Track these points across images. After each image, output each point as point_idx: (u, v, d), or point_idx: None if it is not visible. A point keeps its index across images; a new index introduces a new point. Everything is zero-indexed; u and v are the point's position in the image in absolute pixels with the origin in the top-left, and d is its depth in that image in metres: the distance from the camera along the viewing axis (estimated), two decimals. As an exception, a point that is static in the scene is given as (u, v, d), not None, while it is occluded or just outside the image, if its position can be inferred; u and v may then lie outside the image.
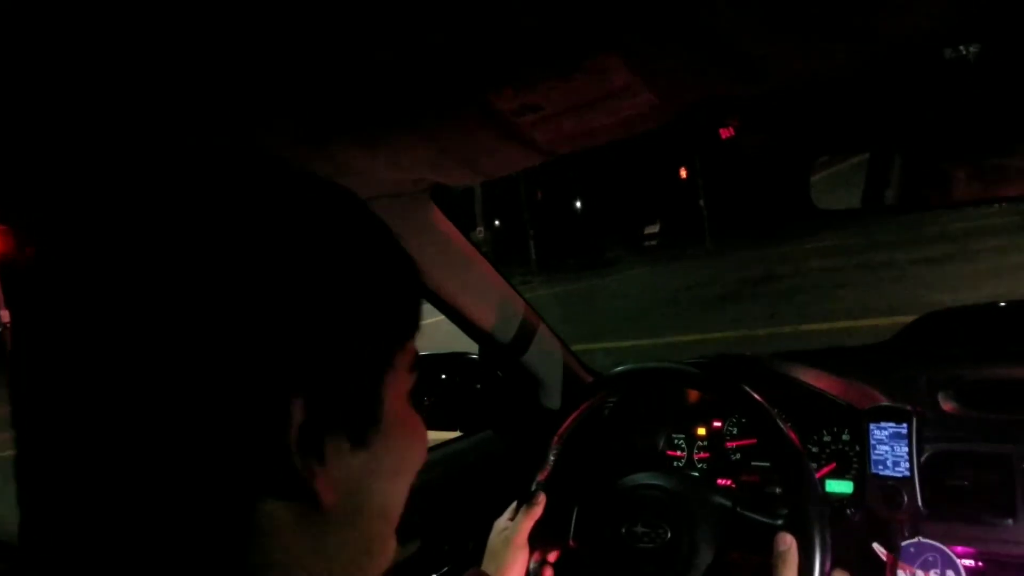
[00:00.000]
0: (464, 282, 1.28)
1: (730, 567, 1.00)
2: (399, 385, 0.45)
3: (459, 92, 0.71)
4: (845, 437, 1.22)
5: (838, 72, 0.73)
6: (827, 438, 1.25)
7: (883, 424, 1.10)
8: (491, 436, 1.55)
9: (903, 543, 1.06)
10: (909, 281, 8.38)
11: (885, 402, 1.16)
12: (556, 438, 1.18)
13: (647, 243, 22.68)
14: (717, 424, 1.41)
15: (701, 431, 1.43)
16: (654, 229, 23.10)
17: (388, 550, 0.46)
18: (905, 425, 1.08)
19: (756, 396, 1.01)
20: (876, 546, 1.09)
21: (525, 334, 1.42)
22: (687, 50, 0.66)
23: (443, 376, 1.63)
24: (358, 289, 0.42)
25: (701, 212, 20.33)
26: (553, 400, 1.44)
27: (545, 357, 1.46)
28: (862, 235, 12.40)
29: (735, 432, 1.39)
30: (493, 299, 1.34)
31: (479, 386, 1.56)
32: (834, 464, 1.23)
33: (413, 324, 0.47)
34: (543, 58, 0.66)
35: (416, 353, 0.47)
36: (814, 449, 1.24)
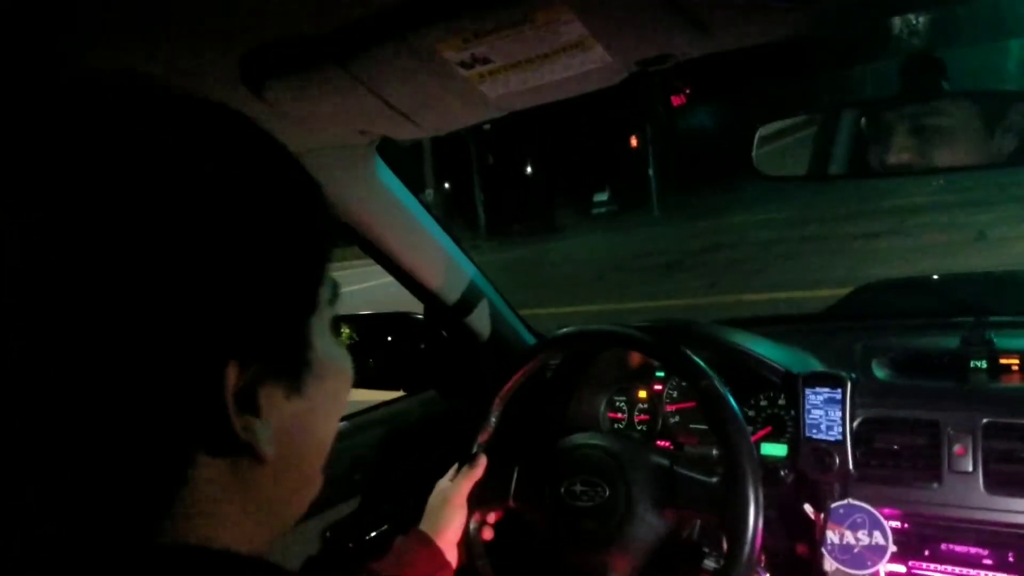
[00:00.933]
0: (410, 239, 1.26)
1: (666, 524, 1.02)
2: (324, 323, 0.44)
3: (406, 41, 0.68)
4: (781, 402, 1.25)
5: (788, 35, 0.72)
6: (763, 403, 1.27)
7: (818, 389, 1.12)
8: (434, 396, 1.54)
9: (833, 505, 1.09)
10: (849, 254, 8.63)
11: (821, 368, 1.19)
12: (498, 399, 1.17)
13: (596, 210, 22.78)
14: (658, 388, 1.43)
15: (642, 394, 1.45)
16: (603, 197, 23.19)
17: (316, 484, 0.46)
18: (839, 391, 1.11)
19: (696, 359, 1.02)
20: (807, 507, 1.13)
21: (471, 295, 1.41)
22: (640, 5, 0.64)
23: (387, 336, 1.60)
24: (272, 229, 0.39)
25: (649, 181, 20.49)
26: (496, 362, 1.44)
27: (490, 319, 1.45)
28: (807, 208, 12.68)
29: (675, 396, 1.41)
30: (440, 258, 1.32)
31: (423, 346, 1.54)
32: (769, 428, 1.26)
33: (328, 253, 0.44)
34: (494, 8, 0.64)
35: (335, 284, 0.46)
36: (750, 413, 1.27)
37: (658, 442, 1.38)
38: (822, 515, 1.10)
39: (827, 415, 1.11)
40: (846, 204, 11.64)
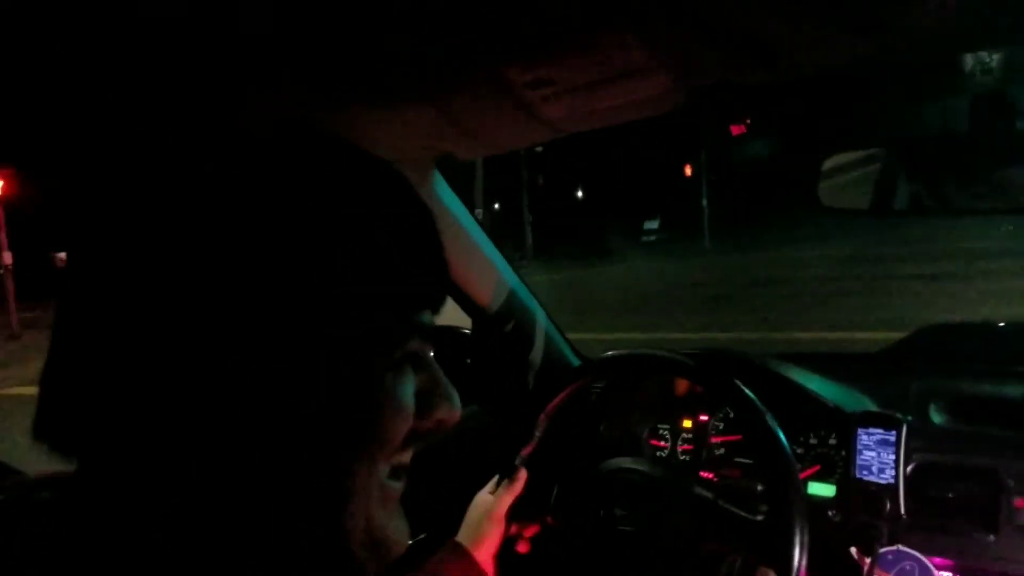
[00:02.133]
0: (464, 255, 1.27)
1: (705, 558, 1.00)
2: None
3: (473, 63, 0.69)
4: (832, 441, 1.22)
5: (852, 64, 0.72)
6: (813, 440, 1.24)
7: (871, 430, 1.10)
8: (477, 411, 1.54)
9: (881, 550, 1.06)
10: (906, 296, 8.40)
11: (875, 409, 1.16)
12: (543, 416, 1.18)
13: (645, 238, 22.67)
14: (704, 418, 1.40)
15: (687, 423, 1.43)
16: (654, 224, 23.07)
17: None
18: (894, 432, 1.08)
19: (746, 390, 1.01)
20: (853, 550, 1.09)
21: (519, 314, 1.41)
22: (704, 32, 0.65)
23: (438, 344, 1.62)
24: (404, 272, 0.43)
25: (702, 211, 20.31)
26: (542, 380, 1.44)
27: (538, 339, 1.45)
28: (866, 247, 12.40)
29: (721, 427, 1.38)
30: (491, 275, 1.34)
31: (469, 361, 1.55)
32: (819, 467, 1.23)
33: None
34: (559, 32, 0.65)
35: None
36: (799, 450, 1.24)
37: (701, 472, 1.36)
38: (868, 560, 1.07)
39: (879, 457, 1.08)
40: (908, 245, 11.34)
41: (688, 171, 22.30)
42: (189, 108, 0.56)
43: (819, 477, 1.21)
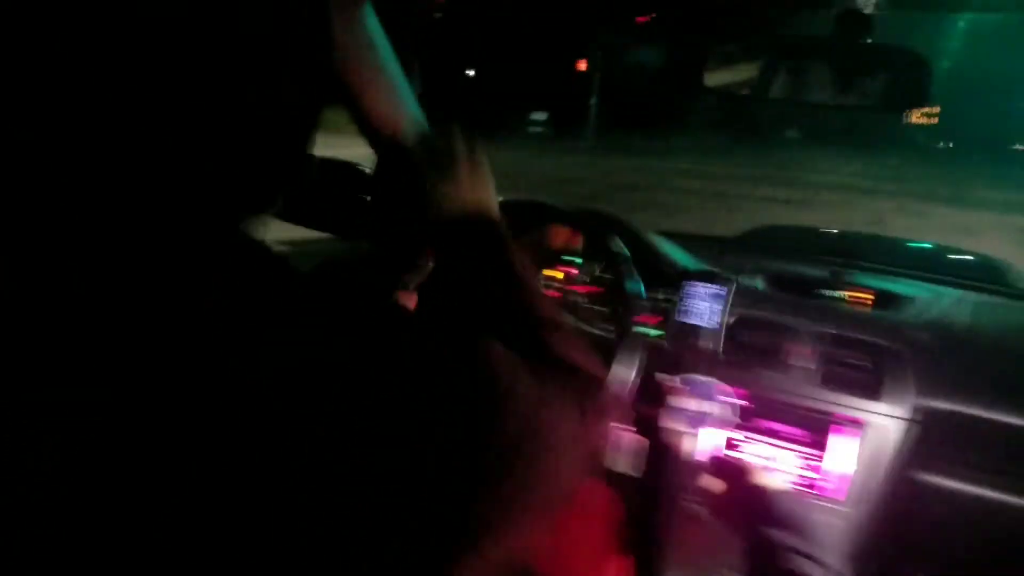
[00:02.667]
0: (381, 89, 1.35)
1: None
2: None
3: None
4: (674, 298, 1.46)
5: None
6: (661, 296, 1.48)
7: (708, 285, 1.33)
8: (372, 248, 1.66)
9: (693, 377, 1.32)
10: (754, 214, 9.11)
11: (714, 270, 1.39)
12: (429, 251, 1.32)
13: (531, 128, 22.69)
14: (573, 271, 1.60)
15: (558, 274, 1.62)
16: (542, 116, 23.08)
17: None
18: (725, 288, 1.32)
19: (619, 240, 1.20)
20: (675, 378, 1.35)
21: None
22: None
23: (334, 180, 1.70)
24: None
25: (590, 110, 20.54)
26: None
27: None
28: (728, 167, 13.16)
29: (587, 280, 1.59)
30: (402, 113, 1.42)
31: (368, 199, 1.65)
32: (661, 317, 1.47)
33: None
34: None
35: None
36: (648, 303, 1.47)
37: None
38: (679, 384, 1.33)
39: (711, 307, 1.32)
40: (763, 168, 12.14)
41: (582, 66, 22.30)
42: None
43: (660, 326, 1.45)
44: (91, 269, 0.40)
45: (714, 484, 1.26)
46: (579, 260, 1.61)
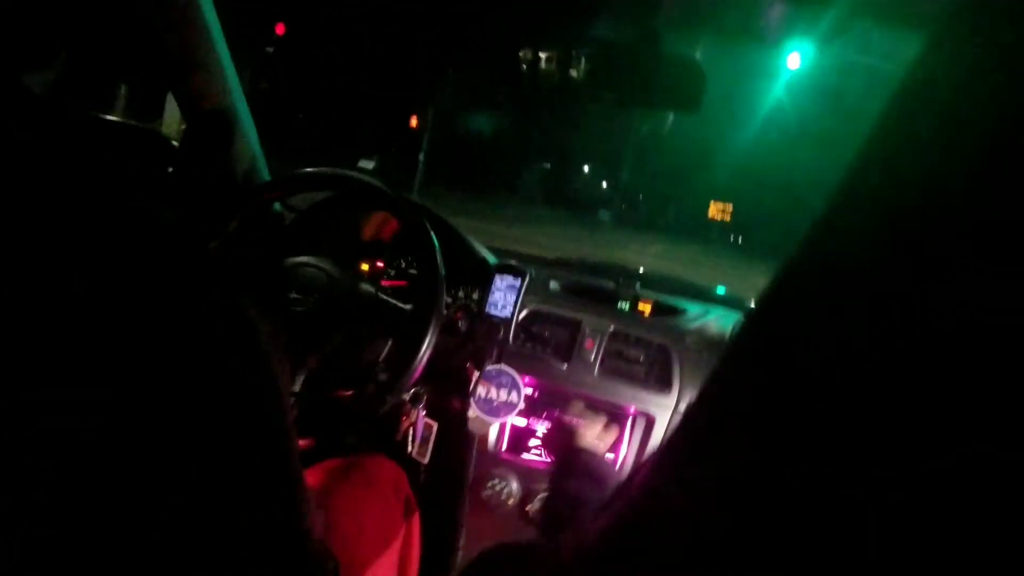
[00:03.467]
0: (203, 65, 1.32)
1: (363, 336, 1.22)
2: None
3: None
4: (475, 295, 1.52)
5: None
6: (461, 293, 1.53)
7: (505, 276, 1.41)
8: (171, 215, 1.57)
9: (488, 367, 1.37)
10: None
11: (512, 263, 1.47)
12: (236, 218, 1.29)
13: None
14: (379, 264, 1.62)
15: (364, 267, 1.63)
16: (369, 164, 23.02)
17: None
18: (519, 280, 1.40)
19: (432, 233, 1.23)
20: (468, 365, 1.39)
21: (236, 131, 1.49)
22: None
23: (134, 154, 1.61)
24: None
25: (418, 165, 20.84)
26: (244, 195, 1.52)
27: (243, 158, 1.53)
28: (543, 235, 13.92)
29: (392, 274, 1.61)
30: (221, 89, 1.39)
31: (171, 169, 1.58)
32: (460, 314, 1.52)
33: None
34: None
35: None
36: (450, 300, 1.51)
37: None
38: (477, 374, 1.38)
39: (505, 298, 1.39)
40: (579, 242, 13.03)
41: (414, 123, 22.69)
42: None
43: (461, 319, 1.50)
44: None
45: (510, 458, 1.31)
46: (384, 252, 1.63)
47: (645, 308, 1.51)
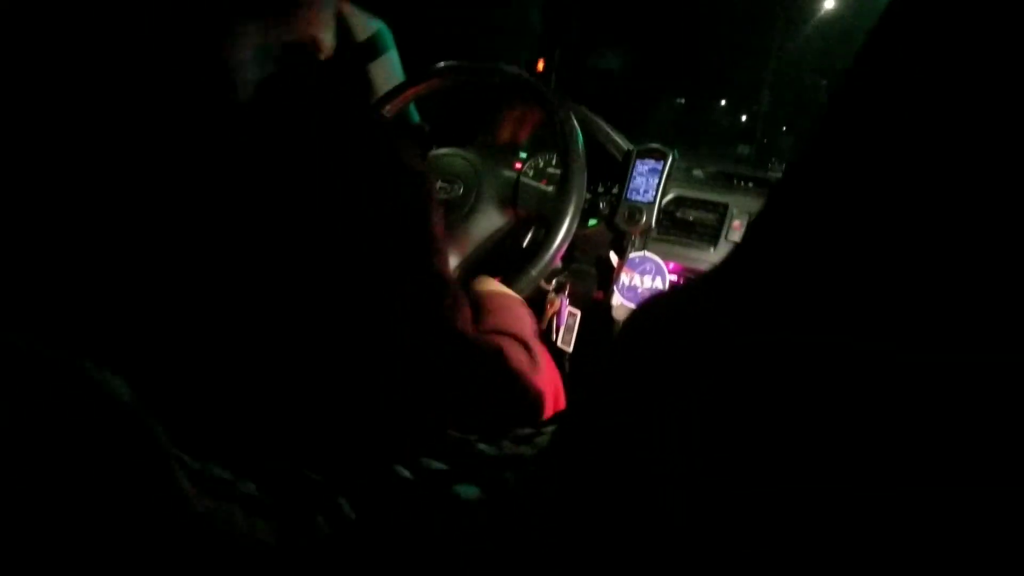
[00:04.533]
0: None
1: (505, 221, 1.23)
2: None
3: None
4: (615, 191, 1.48)
5: None
6: (600, 190, 1.50)
7: (647, 160, 1.36)
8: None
9: (632, 255, 1.35)
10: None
11: (653, 145, 1.41)
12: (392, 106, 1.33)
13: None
14: (518, 166, 1.62)
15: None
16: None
17: None
18: (662, 163, 1.35)
19: (575, 121, 1.20)
20: (612, 254, 1.38)
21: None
22: None
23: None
24: None
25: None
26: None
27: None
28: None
29: (531, 175, 1.61)
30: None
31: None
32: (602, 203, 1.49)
33: None
34: None
35: None
36: (590, 196, 1.48)
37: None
38: (620, 261, 1.36)
39: (647, 182, 1.35)
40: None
41: (540, 67, 22.39)
42: None
43: (600, 213, 1.48)
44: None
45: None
46: (523, 155, 1.62)
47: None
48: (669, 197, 1.37)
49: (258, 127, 0.52)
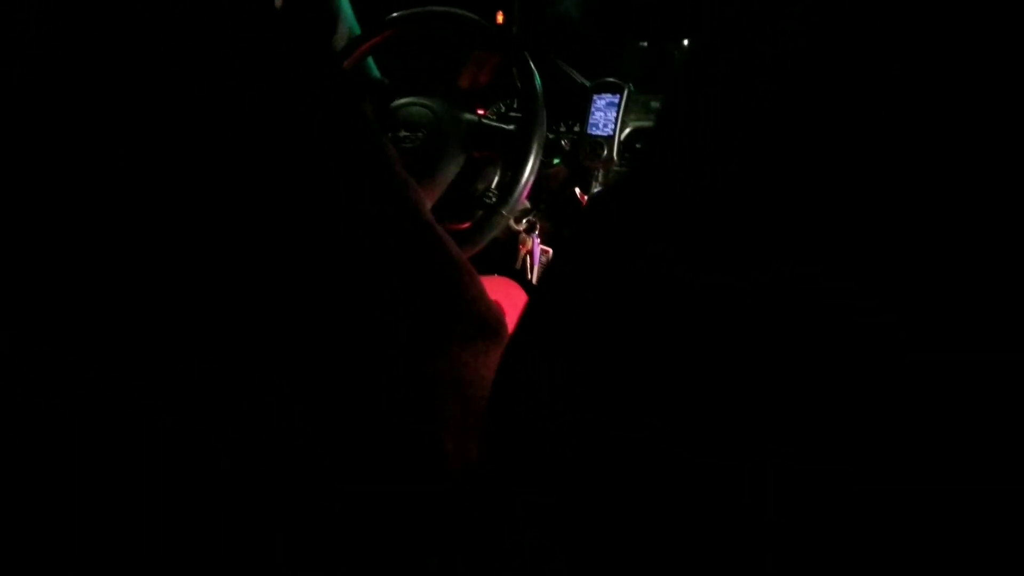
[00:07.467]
0: None
1: (473, 161, 1.26)
2: None
3: None
4: (576, 128, 1.51)
5: None
6: (563, 128, 1.53)
7: (604, 95, 1.40)
8: None
9: (595, 189, 1.39)
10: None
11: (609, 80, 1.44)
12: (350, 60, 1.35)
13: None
14: (480, 112, 1.64)
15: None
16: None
17: None
18: (618, 96, 1.38)
19: (530, 60, 1.23)
20: (577, 190, 1.42)
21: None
22: None
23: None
24: None
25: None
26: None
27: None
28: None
29: (493, 120, 1.63)
30: None
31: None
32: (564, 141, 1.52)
33: None
34: None
35: None
36: (552, 136, 1.51)
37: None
38: (585, 196, 1.40)
39: (605, 116, 1.39)
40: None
41: (500, 18, 22.01)
42: None
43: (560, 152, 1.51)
44: None
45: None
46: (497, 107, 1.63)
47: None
48: (628, 130, 1.41)
49: (213, 86, 0.47)
